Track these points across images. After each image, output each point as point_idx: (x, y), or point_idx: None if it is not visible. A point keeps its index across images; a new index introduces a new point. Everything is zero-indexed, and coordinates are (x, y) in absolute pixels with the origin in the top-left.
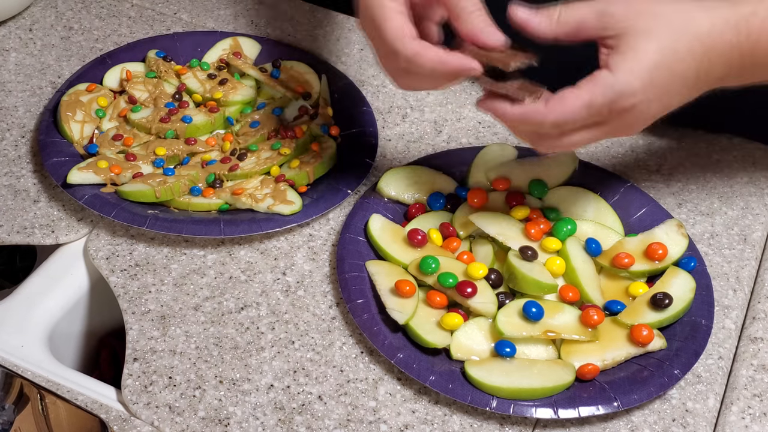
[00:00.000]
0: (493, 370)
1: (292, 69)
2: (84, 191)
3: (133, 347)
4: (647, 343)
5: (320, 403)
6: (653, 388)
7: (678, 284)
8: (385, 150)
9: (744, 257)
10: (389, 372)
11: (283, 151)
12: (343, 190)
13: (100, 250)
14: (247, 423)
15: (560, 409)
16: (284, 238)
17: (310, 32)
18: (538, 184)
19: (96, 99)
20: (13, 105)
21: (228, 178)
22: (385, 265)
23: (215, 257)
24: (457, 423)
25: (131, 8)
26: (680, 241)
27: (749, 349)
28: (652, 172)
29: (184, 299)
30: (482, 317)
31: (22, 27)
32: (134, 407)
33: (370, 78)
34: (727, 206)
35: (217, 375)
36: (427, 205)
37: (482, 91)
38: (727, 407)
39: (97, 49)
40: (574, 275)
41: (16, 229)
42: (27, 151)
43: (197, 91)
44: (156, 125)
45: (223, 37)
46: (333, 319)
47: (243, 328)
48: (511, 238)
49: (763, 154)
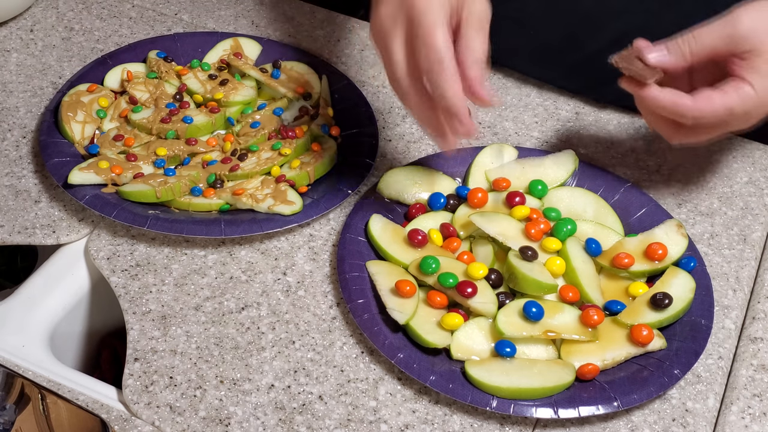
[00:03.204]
0: (493, 370)
1: (293, 69)
2: (85, 191)
3: (134, 347)
4: (647, 343)
5: (321, 402)
6: (653, 388)
7: (678, 284)
8: (385, 150)
9: (744, 257)
10: (390, 372)
11: (284, 151)
12: (343, 190)
13: (101, 251)
14: (247, 423)
15: (560, 409)
16: (285, 239)
17: (311, 33)
18: (538, 184)
19: (97, 99)
20: (15, 105)
21: (229, 178)
22: (386, 265)
23: (216, 257)
24: (457, 423)
25: (132, 9)
26: (680, 241)
27: (749, 349)
28: (652, 172)
29: (184, 299)
30: (482, 317)
31: (23, 27)
32: (135, 407)
33: (370, 78)
34: (727, 206)
35: (217, 375)
36: (428, 205)
37: None
38: (727, 407)
39: (98, 50)
40: (574, 275)
41: (17, 230)
42: (28, 151)
43: (198, 91)
44: (157, 126)
45: (223, 38)
46: (333, 319)
47: (244, 328)
48: (511, 238)
49: (763, 154)
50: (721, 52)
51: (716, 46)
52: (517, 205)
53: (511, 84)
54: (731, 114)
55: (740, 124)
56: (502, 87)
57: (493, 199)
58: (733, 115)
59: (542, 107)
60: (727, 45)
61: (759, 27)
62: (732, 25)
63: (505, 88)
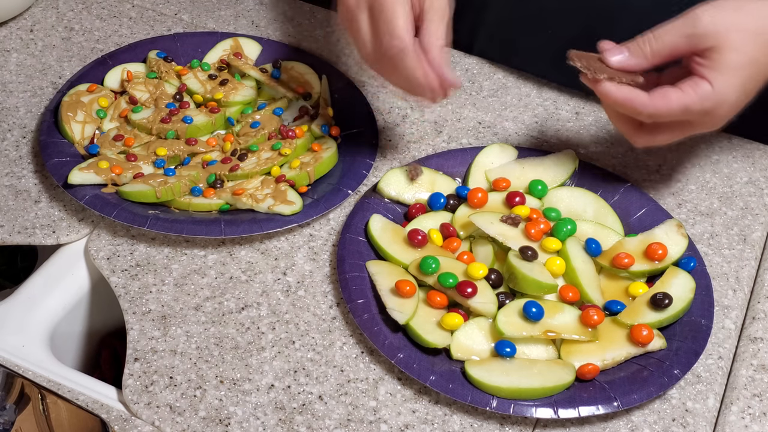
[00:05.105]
0: (493, 370)
1: (293, 69)
2: (85, 191)
3: (134, 347)
4: (647, 343)
5: (321, 402)
6: (653, 388)
7: (678, 284)
8: (385, 150)
9: (744, 257)
10: (389, 372)
11: (284, 151)
12: (343, 190)
13: (101, 251)
14: (247, 423)
15: (560, 408)
16: (285, 239)
17: (311, 33)
18: (538, 184)
19: (97, 99)
20: (15, 105)
21: (229, 178)
22: (386, 265)
23: (216, 257)
24: (457, 423)
25: (132, 9)
26: (680, 241)
27: (749, 349)
28: (652, 172)
29: (184, 299)
30: (482, 317)
31: (23, 28)
32: (135, 407)
33: (370, 78)
34: (727, 206)
35: (217, 375)
36: (428, 205)
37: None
38: (727, 407)
39: (98, 50)
40: (574, 275)
41: (17, 230)
42: (28, 151)
43: (198, 91)
44: (157, 126)
45: (223, 38)
46: (333, 319)
47: (243, 328)
48: (511, 238)
49: (763, 154)
50: (682, 50)
51: (677, 45)
52: (517, 205)
53: (511, 84)
54: (688, 112)
55: (704, 124)
56: (502, 87)
57: (493, 199)
58: (690, 114)
59: (542, 107)
60: (688, 44)
61: (718, 25)
62: (692, 23)
63: (505, 88)
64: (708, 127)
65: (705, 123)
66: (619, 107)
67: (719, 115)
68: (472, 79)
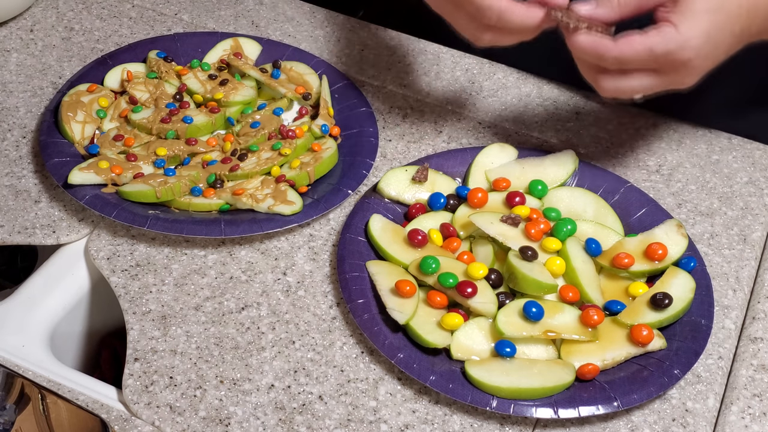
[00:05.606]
0: (493, 370)
1: (293, 69)
2: (85, 191)
3: (134, 347)
4: (647, 343)
5: (321, 402)
6: (653, 388)
7: (678, 284)
8: (385, 150)
9: (744, 257)
10: (390, 372)
11: (284, 151)
12: (343, 190)
13: (101, 251)
14: (247, 423)
15: (560, 408)
16: (285, 239)
17: (311, 33)
18: (538, 184)
19: (97, 99)
20: (14, 105)
21: (229, 178)
22: (386, 265)
23: (216, 257)
24: (457, 423)
25: (132, 9)
26: (680, 241)
27: (749, 349)
28: (652, 172)
29: (184, 299)
30: (482, 317)
31: (23, 28)
32: (135, 407)
33: (370, 78)
34: (727, 206)
35: (217, 375)
36: (428, 205)
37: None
38: (727, 407)
39: (98, 50)
40: (574, 275)
41: (17, 230)
42: (28, 151)
43: (198, 91)
44: (157, 126)
45: (223, 38)
46: (333, 319)
47: (244, 328)
48: (511, 238)
49: (763, 154)
50: (650, 0)
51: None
52: (517, 205)
53: (511, 84)
54: (653, 54)
55: (674, 74)
56: (502, 87)
57: (493, 199)
58: (655, 56)
59: (542, 107)
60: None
61: None
62: None
63: (505, 88)
64: (678, 78)
65: (674, 73)
66: (587, 54)
67: (687, 64)
68: (472, 79)
